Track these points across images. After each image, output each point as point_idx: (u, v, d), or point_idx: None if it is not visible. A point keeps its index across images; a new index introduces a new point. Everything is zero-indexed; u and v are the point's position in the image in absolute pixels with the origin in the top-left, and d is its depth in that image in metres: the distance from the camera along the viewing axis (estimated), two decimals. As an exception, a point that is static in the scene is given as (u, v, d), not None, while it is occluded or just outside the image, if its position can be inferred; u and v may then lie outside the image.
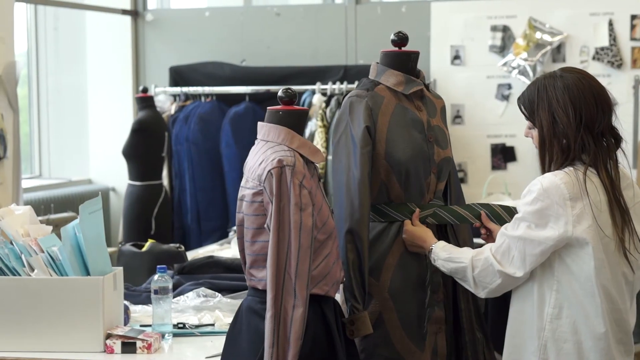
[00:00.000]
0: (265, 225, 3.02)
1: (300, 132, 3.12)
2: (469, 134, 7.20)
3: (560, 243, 3.01)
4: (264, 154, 3.05)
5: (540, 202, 3.00)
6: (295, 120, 3.12)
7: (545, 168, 3.09)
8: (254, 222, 3.06)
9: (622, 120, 6.69)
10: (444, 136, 3.49)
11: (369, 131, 3.32)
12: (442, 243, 3.31)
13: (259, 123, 3.15)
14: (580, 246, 3.00)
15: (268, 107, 3.17)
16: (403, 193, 3.38)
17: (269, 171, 2.99)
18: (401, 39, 3.43)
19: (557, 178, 3.00)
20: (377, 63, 3.45)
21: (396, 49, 3.43)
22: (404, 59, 3.42)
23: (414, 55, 3.44)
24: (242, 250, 3.15)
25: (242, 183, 3.13)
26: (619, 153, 3.12)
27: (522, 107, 3.13)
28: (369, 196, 3.31)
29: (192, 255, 5.26)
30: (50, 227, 3.73)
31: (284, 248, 2.96)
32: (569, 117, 3.01)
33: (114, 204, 7.93)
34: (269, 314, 2.95)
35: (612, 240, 3.03)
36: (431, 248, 3.31)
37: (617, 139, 3.11)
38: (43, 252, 3.54)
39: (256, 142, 3.15)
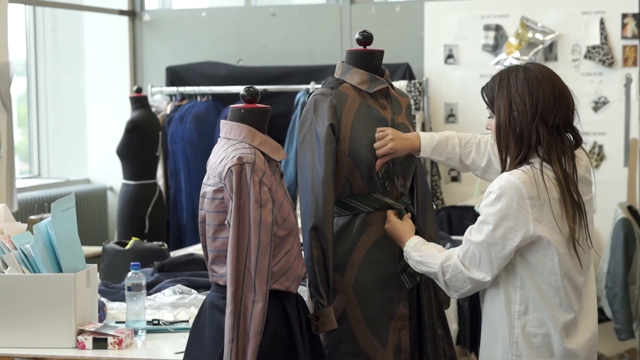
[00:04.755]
0: (226, 222, 3.06)
1: (262, 129, 3.15)
2: (462, 132, 7.20)
3: (523, 242, 3.02)
4: (225, 151, 3.09)
5: (500, 203, 3.01)
6: (257, 118, 3.15)
7: (502, 158, 3.10)
8: (215, 219, 3.10)
9: (614, 119, 6.75)
10: (409, 134, 3.52)
11: (333, 129, 3.35)
12: (414, 241, 3.30)
13: (222, 121, 3.18)
14: (541, 244, 3.02)
15: (230, 106, 3.21)
16: (367, 189, 3.41)
17: (229, 168, 3.03)
18: (365, 38, 3.45)
19: (515, 177, 3.01)
20: (342, 62, 3.48)
21: (361, 47, 3.46)
22: (369, 58, 3.44)
23: (379, 54, 3.46)
24: (204, 246, 3.19)
25: (204, 180, 3.18)
26: (581, 152, 3.14)
27: (484, 95, 3.15)
28: (333, 193, 3.33)
29: (182, 253, 5.30)
30: (25, 225, 3.78)
31: (243, 244, 3.00)
32: (525, 106, 3.01)
33: (111, 203, 7.99)
34: (228, 309, 2.98)
35: (568, 234, 3.05)
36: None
37: (577, 139, 3.11)
38: (16, 249, 3.59)
39: (219, 139, 3.19)
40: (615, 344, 6.60)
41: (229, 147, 3.10)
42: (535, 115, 3.02)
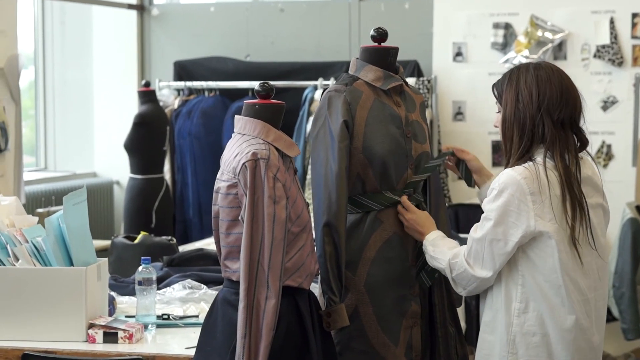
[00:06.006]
0: (240, 218, 3.05)
1: (277, 125, 3.15)
2: (471, 130, 7.22)
3: (524, 238, 3.03)
4: (240, 147, 3.08)
5: (501, 199, 3.02)
6: (272, 114, 3.14)
7: (505, 150, 3.12)
8: (229, 214, 3.09)
9: (623, 118, 6.75)
10: (422, 131, 3.51)
11: (347, 125, 3.34)
12: (433, 235, 3.32)
13: (236, 116, 3.18)
14: (543, 240, 3.03)
15: (245, 101, 3.20)
16: (379, 186, 3.41)
17: (244, 164, 3.02)
18: (380, 35, 3.44)
19: (516, 173, 3.03)
20: (357, 58, 3.47)
21: (375, 44, 3.45)
22: (383, 55, 3.43)
23: (393, 51, 3.45)
24: (217, 242, 3.19)
25: (218, 175, 3.17)
26: (588, 158, 3.16)
27: (495, 90, 3.17)
28: (346, 190, 3.33)
29: (188, 248, 5.30)
30: (36, 218, 3.77)
31: (257, 240, 2.99)
32: (531, 97, 3.05)
33: (117, 197, 7.99)
34: (241, 305, 2.97)
35: (568, 232, 3.04)
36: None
37: (583, 141, 3.13)
38: (28, 242, 3.59)
39: (233, 135, 3.18)
40: (621, 344, 6.60)
41: (243, 142, 3.09)
42: (541, 107, 3.05)
